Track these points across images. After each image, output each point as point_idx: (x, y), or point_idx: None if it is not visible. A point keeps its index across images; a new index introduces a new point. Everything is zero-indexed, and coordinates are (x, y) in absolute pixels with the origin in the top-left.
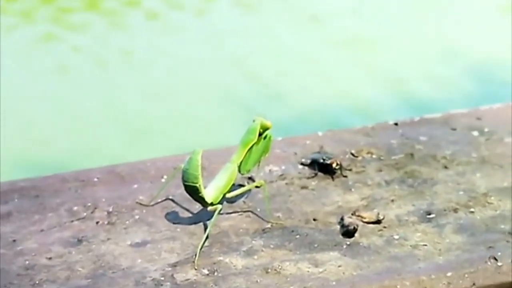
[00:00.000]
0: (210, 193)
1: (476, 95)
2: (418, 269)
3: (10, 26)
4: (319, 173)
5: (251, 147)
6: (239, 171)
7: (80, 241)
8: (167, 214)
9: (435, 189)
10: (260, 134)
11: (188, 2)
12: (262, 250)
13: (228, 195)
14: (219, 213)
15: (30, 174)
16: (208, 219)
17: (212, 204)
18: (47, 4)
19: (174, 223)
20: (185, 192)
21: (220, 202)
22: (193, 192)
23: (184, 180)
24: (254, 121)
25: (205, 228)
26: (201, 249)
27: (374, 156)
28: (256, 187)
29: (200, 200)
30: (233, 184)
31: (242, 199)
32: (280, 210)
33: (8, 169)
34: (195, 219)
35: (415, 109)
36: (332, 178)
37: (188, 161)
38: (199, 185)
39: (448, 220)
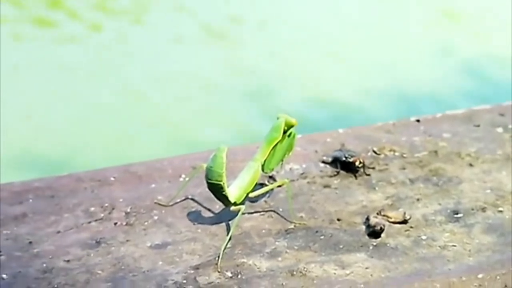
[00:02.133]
0: (233, 192)
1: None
2: (448, 270)
3: None
4: (341, 171)
5: (275, 145)
6: (263, 169)
7: (98, 242)
8: (187, 214)
9: (461, 187)
10: (284, 132)
11: None
12: (286, 252)
13: (251, 195)
14: (242, 213)
15: (36, 172)
16: (229, 219)
17: (235, 203)
18: None
19: (194, 224)
20: (204, 192)
21: (243, 202)
22: (217, 190)
23: (208, 178)
24: (278, 118)
25: (227, 229)
26: (224, 250)
27: (396, 154)
28: (279, 186)
29: (223, 199)
30: (256, 183)
31: (264, 198)
32: (303, 210)
33: (16, 167)
34: (216, 220)
35: None
36: (355, 176)
37: (212, 159)
38: (223, 183)
39: (477, 219)
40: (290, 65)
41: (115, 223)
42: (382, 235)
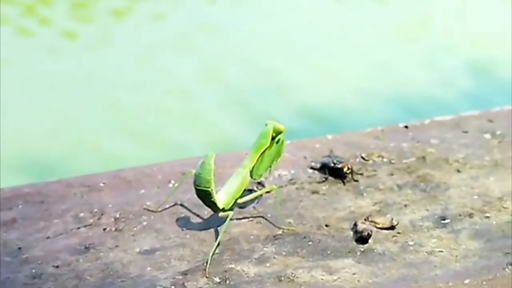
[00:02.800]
0: (222, 198)
1: None
2: (435, 276)
3: None
4: (330, 177)
5: (264, 151)
6: (251, 176)
7: (87, 248)
8: (176, 220)
9: (449, 193)
10: (272, 138)
11: None
12: (274, 257)
13: (239, 201)
14: (231, 219)
15: (26, 178)
16: (218, 225)
17: (223, 209)
18: None
19: (183, 230)
20: (193, 198)
21: (232, 208)
22: (205, 197)
23: (196, 185)
24: (266, 125)
25: (215, 235)
26: (212, 256)
27: (385, 160)
28: (267, 192)
29: (212, 205)
30: (245, 189)
31: (252, 204)
32: (291, 215)
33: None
34: (204, 225)
35: None
36: (343, 182)
37: (200, 165)
38: (211, 190)
39: (464, 225)
40: (277, 71)
41: (104, 229)
42: (370, 241)
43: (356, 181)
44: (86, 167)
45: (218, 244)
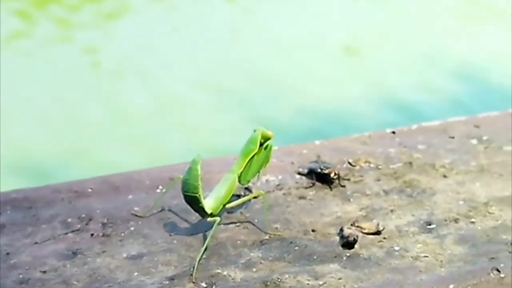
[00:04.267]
0: (210, 203)
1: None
2: (420, 281)
3: None
4: (317, 183)
5: (252, 157)
6: (239, 181)
7: (75, 253)
8: (164, 225)
9: (435, 198)
10: (261, 144)
11: None
12: (261, 263)
13: (227, 206)
14: (218, 224)
15: (14, 183)
16: (205, 230)
17: (212, 214)
18: None
19: (170, 235)
20: (181, 203)
21: (220, 213)
22: (193, 202)
23: (184, 191)
24: (255, 131)
25: (203, 240)
26: (199, 261)
27: (372, 165)
28: (255, 197)
29: (200, 210)
30: (233, 195)
31: (240, 209)
32: (278, 221)
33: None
34: (191, 231)
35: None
36: (330, 188)
37: (187, 171)
38: (199, 195)
39: (449, 230)
40: (266, 75)
41: (92, 234)
42: (356, 246)
43: (343, 186)
44: (76, 172)
45: (205, 249)
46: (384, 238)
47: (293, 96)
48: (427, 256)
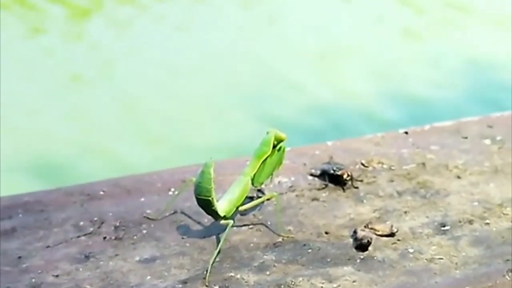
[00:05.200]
0: (223, 206)
1: None
2: (435, 283)
3: None
4: (330, 184)
5: (265, 159)
6: (252, 183)
7: (87, 257)
8: (176, 228)
9: (449, 200)
10: (274, 146)
11: None
12: (274, 265)
13: (241, 208)
14: (231, 227)
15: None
16: (218, 233)
17: (225, 217)
18: None
19: (183, 238)
20: (193, 206)
21: (233, 216)
22: (206, 205)
23: (197, 194)
24: (268, 133)
25: (216, 243)
26: (212, 264)
27: (385, 166)
28: (268, 199)
29: (213, 213)
30: (246, 197)
31: (253, 212)
32: (291, 223)
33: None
34: (204, 233)
35: None
36: (343, 189)
37: (200, 174)
38: (212, 198)
39: (464, 232)
40: (275, 76)
41: (104, 238)
42: (370, 248)
43: (356, 188)
44: (90, 172)
45: (219, 252)
46: (398, 240)
47: (303, 96)
48: (441, 258)
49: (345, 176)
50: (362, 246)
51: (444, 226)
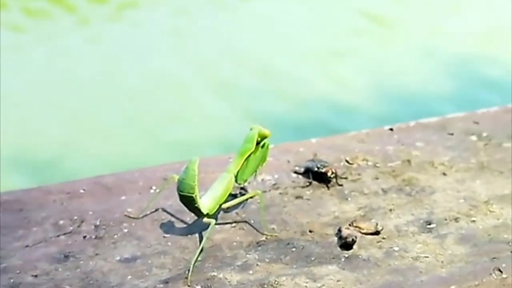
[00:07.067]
0: (206, 203)
1: None
2: (420, 282)
3: None
4: (314, 182)
5: (249, 156)
6: (236, 180)
7: (67, 257)
8: (158, 227)
9: (434, 197)
10: (258, 143)
11: None
12: (257, 265)
13: (224, 206)
14: (215, 225)
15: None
16: (201, 232)
17: (208, 215)
18: None
19: (164, 237)
20: (175, 204)
21: (216, 213)
22: (189, 202)
23: (180, 190)
24: (251, 129)
25: (198, 241)
26: (194, 264)
27: (369, 163)
28: (251, 197)
29: (196, 211)
30: (229, 195)
31: (236, 210)
32: (275, 221)
33: None
34: (186, 232)
35: None
36: (327, 186)
37: (184, 171)
38: (195, 196)
39: (449, 230)
40: (263, 72)
41: (84, 237)
42: (354, 246)
43: (341, 185)
44: (72, 169)
45: (201, 251)
46: (383, 238)
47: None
48: (427, 257)
49: (329, 174)
50: (346, 244)
51: (429, 224)
